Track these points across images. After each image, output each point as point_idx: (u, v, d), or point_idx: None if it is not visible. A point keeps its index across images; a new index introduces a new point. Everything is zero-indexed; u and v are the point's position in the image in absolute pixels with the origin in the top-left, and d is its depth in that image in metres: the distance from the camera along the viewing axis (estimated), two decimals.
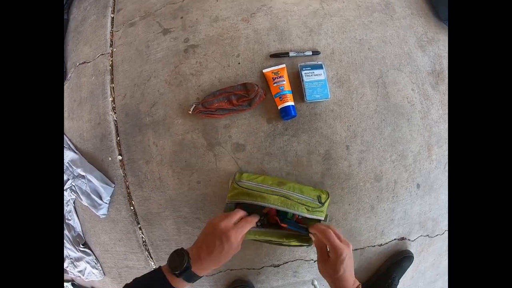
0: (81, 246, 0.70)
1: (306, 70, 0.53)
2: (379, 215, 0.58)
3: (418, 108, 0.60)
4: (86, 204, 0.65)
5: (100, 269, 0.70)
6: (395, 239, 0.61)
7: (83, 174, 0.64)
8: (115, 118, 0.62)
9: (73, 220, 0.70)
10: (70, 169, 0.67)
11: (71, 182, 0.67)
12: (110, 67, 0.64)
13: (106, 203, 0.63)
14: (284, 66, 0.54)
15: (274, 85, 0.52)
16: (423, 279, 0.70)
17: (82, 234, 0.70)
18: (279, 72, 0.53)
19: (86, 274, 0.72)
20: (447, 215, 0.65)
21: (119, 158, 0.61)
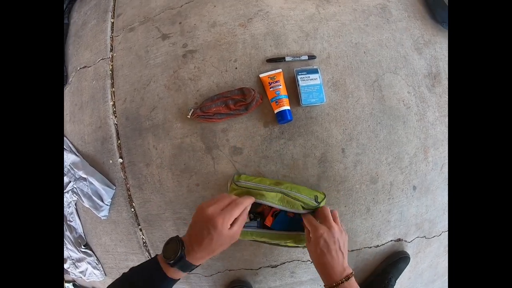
0: (82, 247, 0.71)
1: (301, 74, 0.54)
2: (375, 217, 0.60)
3: (414, 110, 0.62)
4: (87, 206, 0.67)
5: (101, 269, 0.72)
6: (392, 241, 0.63)
7: (85, 176, 0.66)
8: (116, 122, 0.64)
9: (74, 221, 0.72)
10: (72, 171, 0.69)
11: (73, 184, 0.69)
12: (111, 72, 0.66)
13: (107, 205, 0.65)
14: (280, 70, 0.55)
15: (271, 89, 0.54)
16: (421, 280, 0.71)
17: (83, 235, 0.72)
18: (276, 76, 0.54)
19: (87, 274, 0.74)
20: (444, 217, 0.66)
21: (120, 161, 0.63)
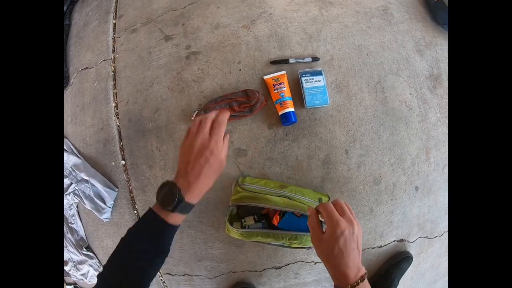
0: (84, 249, 0.72)
1: (305, 76, 0.55)
2: (378, 218, 0.61)
3: (416, 112, 0.63)
4: (89, 208, 0.67)
5: None
6: (395, 241, 0.64)
7: (86, 178, 0.66)
8: (118, 124, 0.64)
9: (76, 223, 0.72)
10: (73, 173, 0.69)
11: (74, 186, 0.69)
12: (113, 73, 0.67)
13: (110, 207, 0.65)
14: (284, 72, 0.56)
15: (275, 91, 0.54)
16: (423, 280, 0.72)
17: (85, 238, 0.72)
18: (280, 78, 0.55)
19: (89, 277, 0.74)
20: (446, 217, 0.67)
21: (123, 163, 0.63)
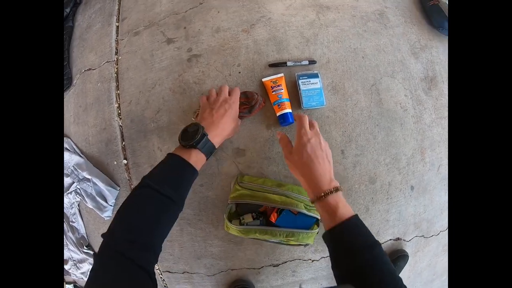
0: (84, 248, 0.73)
1: (302, 79, 0.58)
2: (374, 216, 0.63)
3: (411, 113, 0.65)
4: (91, 206, 0.69)
5: None
6: (391, 240, 0.66)
7: (89, 177, 0.68)
8: (121, 124, 0.66)
9: (77, 222, 0.74)
10: (76, 172, 0.71)
11: (76, 185, 0.71)
12: (116, 74, 0.69)
13: (111, 206, 0.67)
14: (282, 75, 0.58)
15: (273, 93, 0.57)
16: (420, 279, 0.74)
17: (86, 236, 0.74)
18: (278, 81, 0.57)
19: None
20: (442, 216, 0.69)
21: (124, 162, 0.66)
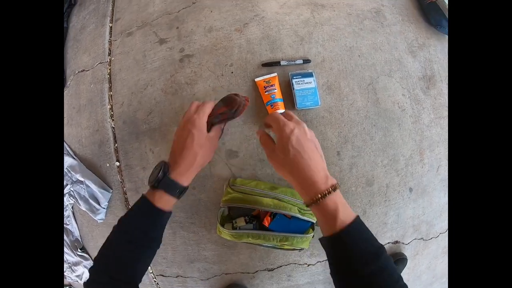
0: (79, 250, 0.73)
1: (296, 78, 0.56)
2: (372, 219, 0.61)
3: (409, 113, 0.64)
4: (84, 209, 0.68)
5: None
6: (389, 243, 0.64)
7: (82, 179, 0.68)
8: (113, 125, 0.66)
9: (71, 225, 0.74)
10: (69, 174, 0.71)
11: (70, 187, 0.71)
12: (108, 76, 0.69)
13: (104, 208, 0.67)
14: (275, 74, 0.58)
15: (266, 93, 0.56)
16: (419, 282, 0.72)
17: (80, 239, 0.74)
18: (271, 80, 0.56)
19: (84, 278, 0.75)
20: (441, 218, 0.68)
21: (117, 164, 0.65)
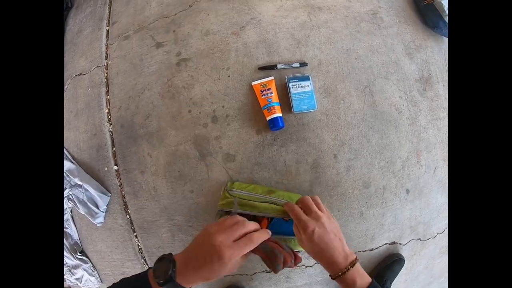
0: (78, 254, 0.74)
1: (293, 82, 0.57)
2: (369, 221, 0.62)
3: (406, 115, 0.64)
4: (83, 212, 0.69)
5: (97, 276, 0.74)
6: (386, 244, 0.65)
7: (80, 183, 0.68)
8: (111, 130, 0.66)
9: (70, 228, 0.75)
10: (68, 178, 0.71)
11: (69, 191, 0.71)
12: (106, 80, 0.69)
13: (103, 212, 0.67)
14: (272, 78, 0.58)
15: (263, 97, 0.56)
16: (417, 282, 0.73)
17: (79, 242, 0.75)
18: (267, 84, 0.57)
19: (83, 281, 0.76)
20: (438, 219, 0.68)
21: (115, 168, 0.65)
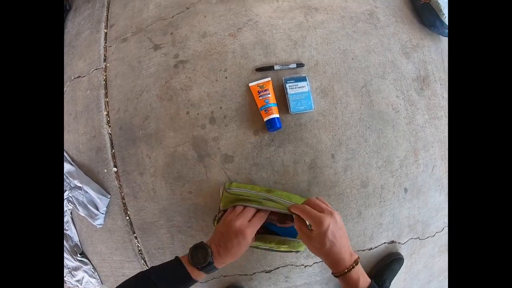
0: (78, 255, 0.74)
1: (290, 82, 0.57)
2: (367, 220, 0.62)
3: (403, 114, 0.65)
4: (83, 214, 0.69)
5: (97, 278, 0.74)
6: (385, 243, 0.65)
7: (80, 185, 0.69)
8: (110, 132, 0.67)
9: (70, 230, 0.75)
10: (67, 180, 0.72)
11: (68, 193, 0.72)
12: (104, 82, 0.69)
13: (103, 213, 0.68)
14: (269, 79, 0.58)
15: (260, 98, 0.57)
16: (417, 281, 0.73)
17: (79, 244, 0.75)
18: (265, 85, 0.57)
19: (84, 283, 0.76)
20: (437, 218, 0.69)
21: (114, 170, 0.66)
